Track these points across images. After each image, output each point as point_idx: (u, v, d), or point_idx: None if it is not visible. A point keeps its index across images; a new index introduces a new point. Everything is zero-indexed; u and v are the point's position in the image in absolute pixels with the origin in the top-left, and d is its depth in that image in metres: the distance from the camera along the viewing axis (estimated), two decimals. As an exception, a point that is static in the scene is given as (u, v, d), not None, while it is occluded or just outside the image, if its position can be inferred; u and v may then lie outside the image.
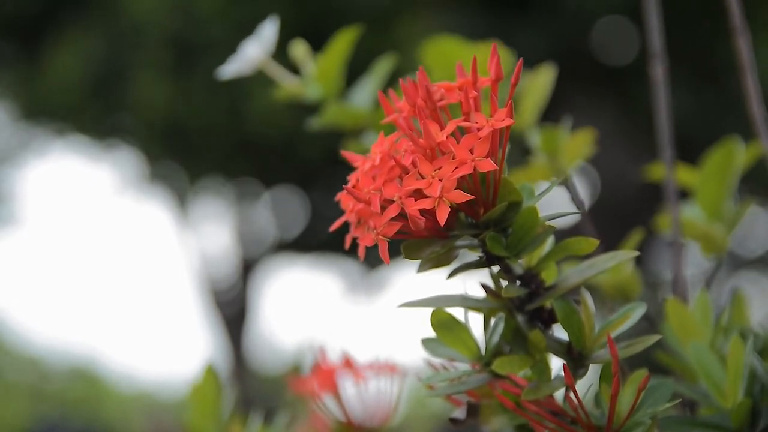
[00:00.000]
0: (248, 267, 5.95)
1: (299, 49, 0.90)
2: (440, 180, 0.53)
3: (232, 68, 0.87)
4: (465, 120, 0.55)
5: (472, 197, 0.53)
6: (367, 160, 0.56)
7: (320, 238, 5.47)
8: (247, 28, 0.91)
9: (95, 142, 4.97)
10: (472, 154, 0.53)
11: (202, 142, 4.46)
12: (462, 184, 0.54)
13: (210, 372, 0.82)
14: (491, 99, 0.56)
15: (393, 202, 0.54)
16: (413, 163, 0.54)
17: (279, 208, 5.63)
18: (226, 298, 6.01)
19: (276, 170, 4.84)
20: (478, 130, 0.54)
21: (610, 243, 0.60)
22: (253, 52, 0.87)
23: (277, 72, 0.89)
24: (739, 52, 0.82)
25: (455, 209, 0.55)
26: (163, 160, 4.89)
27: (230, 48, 0.91)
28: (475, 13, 3.83)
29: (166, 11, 4.03)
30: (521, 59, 0.57)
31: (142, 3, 4.05)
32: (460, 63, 0.58)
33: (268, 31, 0.87)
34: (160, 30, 4.07)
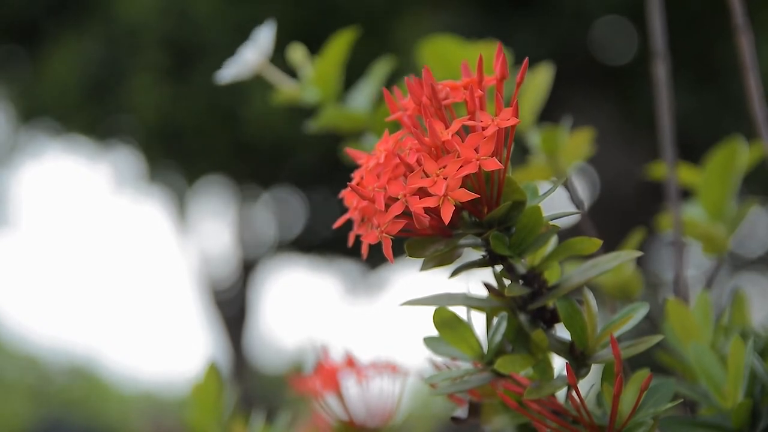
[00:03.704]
0: (248, 267, 5.95)
1: (297, 53, 0.90)
2: (445, 178, 0.53)
3: (230, 72, 0.87)
4: (470, 119, 0.55)
5: (476, 196, 0.53)
6: (371, 157, 0.56)
7: (320, 238, 5.47)
8: (243, 30, 0.91)
9: (93, 142, 4.97)
10: (477, 153, 0.53)
11: (199, 144, 4.46)
12: (466, 182, 0.54)
13: (212, 370, 0.82)
14: (496, 98, 0.56)
15: (397, 200, 0.54)
16: (418, 162, 0.54)
17: (278, 209, 5.63)
18: (226, 297, 6.01)
19: (274, 171, 4.84)
20: (483, 129, 0.54)
21: (609, 243, 0.60)
22: (251, 56, 0.87)
23: (275, 76, 0.89)
24: (742, 51, 0.82)
25: (459, 208, 0.55)
26: (161, 160, 4.89)
27: (227, 50, 0.91)
28: (474, 14, 3.83)
29: (160, 14, 4.03)
30: (527, 59, 0.57)
31: (135, 6, 4.05)
32: (465, 62, 0.58)
33: (266, 35, 0.87)
34: (155, 33, 4.07)
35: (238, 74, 0.87)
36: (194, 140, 4.43)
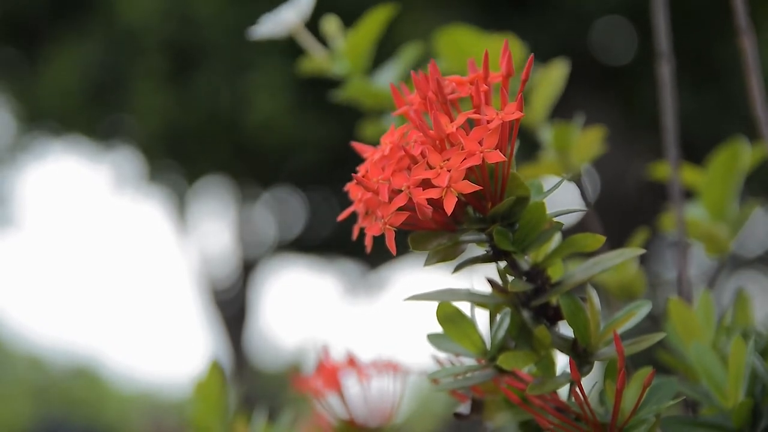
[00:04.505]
0: (248, 267, 5.95)
1: (331, 24, 0.90)
2: (449, 170, 0.53)
3: (266, 29, 0.87)
4: (475, 113, 0.55)
5: (479, 188, 0.53)
6: (376, 150, 0.56)
7: (320, 238, 5.47)
8: (245, 34, 0.91)
9: (94, 143, 4.98)
10: (482, 145, 0.53)
11: (200, 145, 4.46)
12: (470, 176, 0.54)
13: (215, 368, 0.82)
14: (501, 93, 0.56)
15: (401, 191, 0.54)
16: (422, 154, 0.54)
17: (278, 209, 5.64)
18: (226, 297, 6.02)
19: (274, 172, 4.85)
20: (488, 122, 0.54)
21: (609, 242, 0.60)
22: (289, 16, 0.86)
23: (308, 41, 0.89)
24: (744, 53, 0.82)
25: (463, 202, 0.55)
26: (161, 161, 4.89)
27: (229, 53, 0.91)
28: (474, 13, 3.84)
29: (162, 17, 4.02)
30: (532, 55, 0.57)
31: (137, 9, 4.05)
32: (472, 58, 0.58)
33: None
34: (156, 36, 4.07)
35: (274, 32, 0.86)
36: (195, 142, 4.43)
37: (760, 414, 0.63)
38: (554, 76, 0.88)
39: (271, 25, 0.86)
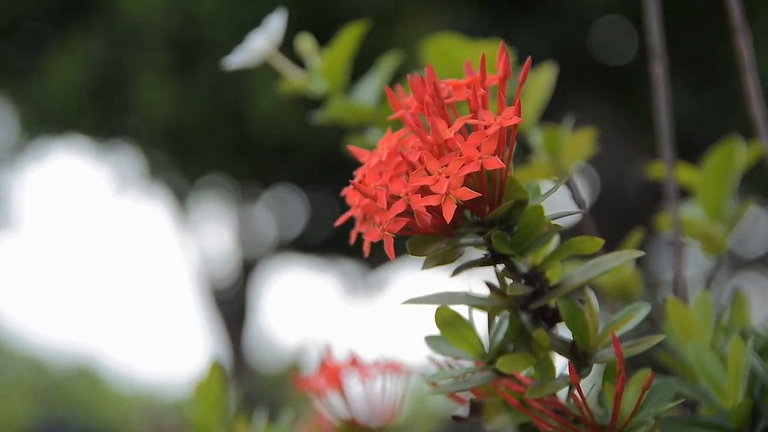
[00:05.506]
0: (248, 267, 5.95)
1: (305, 43, 0.90)
2: (447, 177, 0.53)
3: (239, 59, 0.87)
4: (473, 117, 0.55)
5: (478, 195, 0.53)
6: (374, 155, 0.56)
7: (320, 238, 5.47)
8: (247, 29, 0.91)
9: (96, 142, 4.98)
10: (480, 151, 0.53)
11: (202, 142, 4.46)
12: (468, 181, 0.54)
13: (215, 369, 0.82)
14: (499, 97, 0.56)
15: (399, 198, 0.54)
16: (420, 160, 0.54)
17: (278, 208, 5.63)
18: (226, 297, 6.02)
19: (275, 171, 4.84)
20: (486, 127, 0.54)
21: (608, 243, 0.60)
22: (261, 43, 0.86)
23: (284, 65, 0.89)
24: (740, 52, 0.82)
25: (461, 207, 0.55)
26: (163, 159, 4.89)
27: (231, 49, 0.91)
28: (475, 13, 3.83)
29: (165, 13, 4.02)
30: (529, 58, 0.57)
31: (140, 5, 4.05)
32: (468, 61, 0.58)
33: (276, 24, 0.87)
34: (159, 31, 4.07)
35: (247, 61, 0.87)
36: (197, 139, 4.43)
37: (759, 414, 0.63)
38: (543, 80, 0.88)
39: (244, 55, 0.87)
